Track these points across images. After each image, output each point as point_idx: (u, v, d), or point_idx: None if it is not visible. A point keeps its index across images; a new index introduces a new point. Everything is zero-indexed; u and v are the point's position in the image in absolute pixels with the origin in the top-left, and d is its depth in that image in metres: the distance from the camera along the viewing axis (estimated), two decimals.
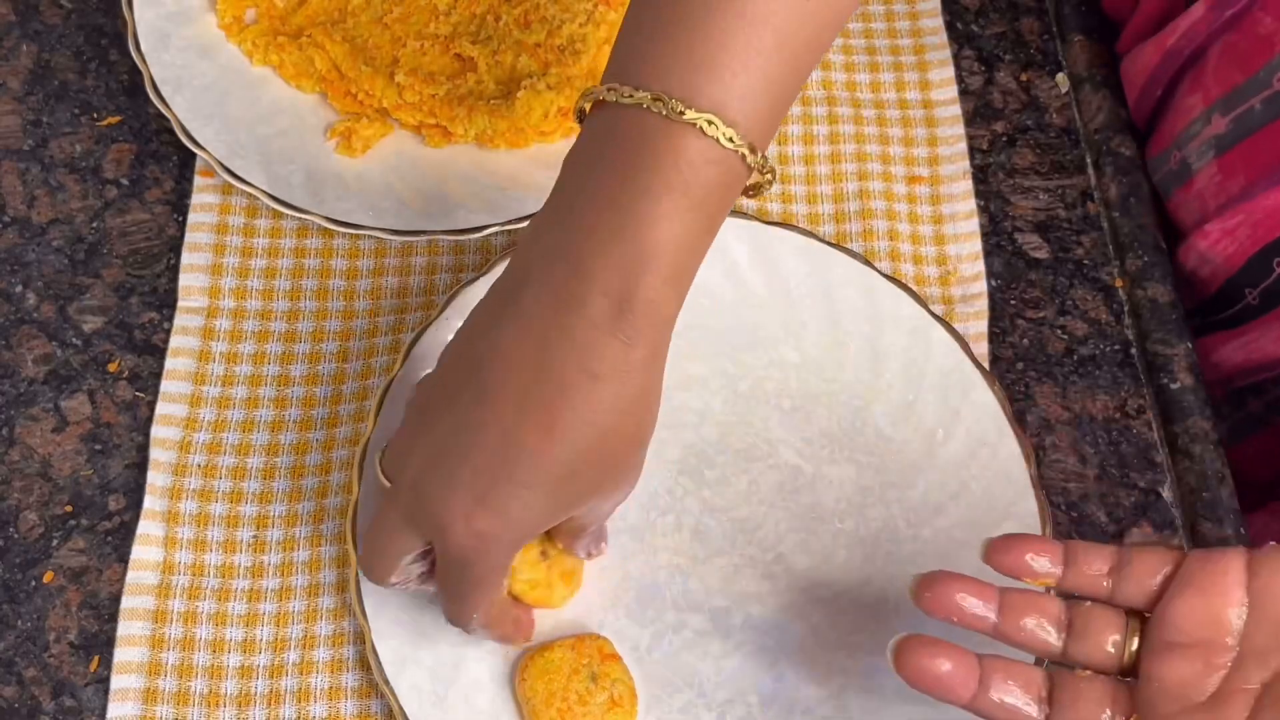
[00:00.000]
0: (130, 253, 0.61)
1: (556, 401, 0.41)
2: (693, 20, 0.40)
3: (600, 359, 0.41)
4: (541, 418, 0.41)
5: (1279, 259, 0.58)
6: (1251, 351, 0.60)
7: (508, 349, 0.42)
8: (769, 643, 0.52)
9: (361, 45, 0.63)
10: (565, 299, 0.41)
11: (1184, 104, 0.62)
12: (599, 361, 0.41)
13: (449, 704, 0.50)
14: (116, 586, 0.53)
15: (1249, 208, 0.58)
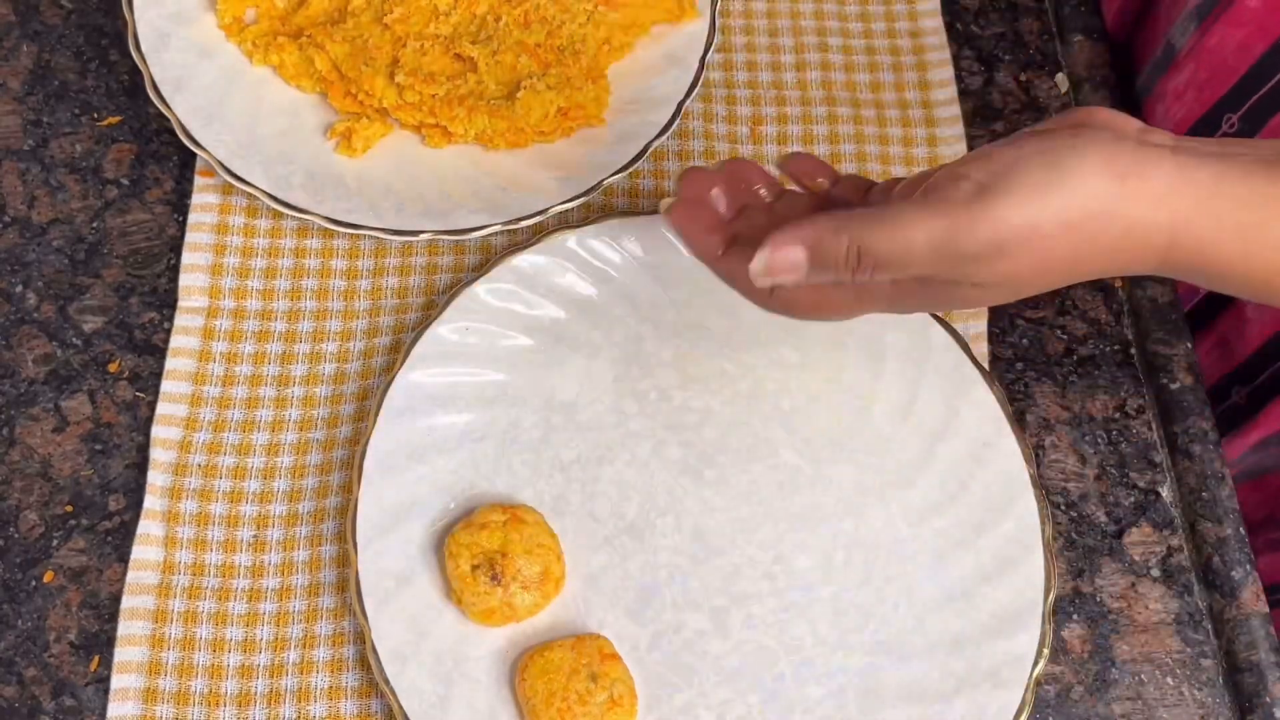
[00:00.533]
0: (130, 253, 0.61)
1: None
2: None
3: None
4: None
5: (1230, 114, 0.57)
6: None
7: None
8: (769, 643, 0.52)
9: (362, 45, 0.63)
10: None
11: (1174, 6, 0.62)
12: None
13: (449, 704, 0.50)
14: (117, 586, 0.53)
15: (1199, 50, 0.57)
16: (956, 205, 0.40)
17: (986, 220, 0.39)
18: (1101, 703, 0.53)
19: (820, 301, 0.47)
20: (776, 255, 0.43)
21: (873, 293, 0.45)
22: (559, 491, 0.55)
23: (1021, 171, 0.39)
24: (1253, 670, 0.53)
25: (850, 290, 0.45)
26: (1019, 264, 0.40)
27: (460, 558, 0.51)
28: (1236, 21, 0.55)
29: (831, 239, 0.42)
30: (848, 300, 0.46)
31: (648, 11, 0.65)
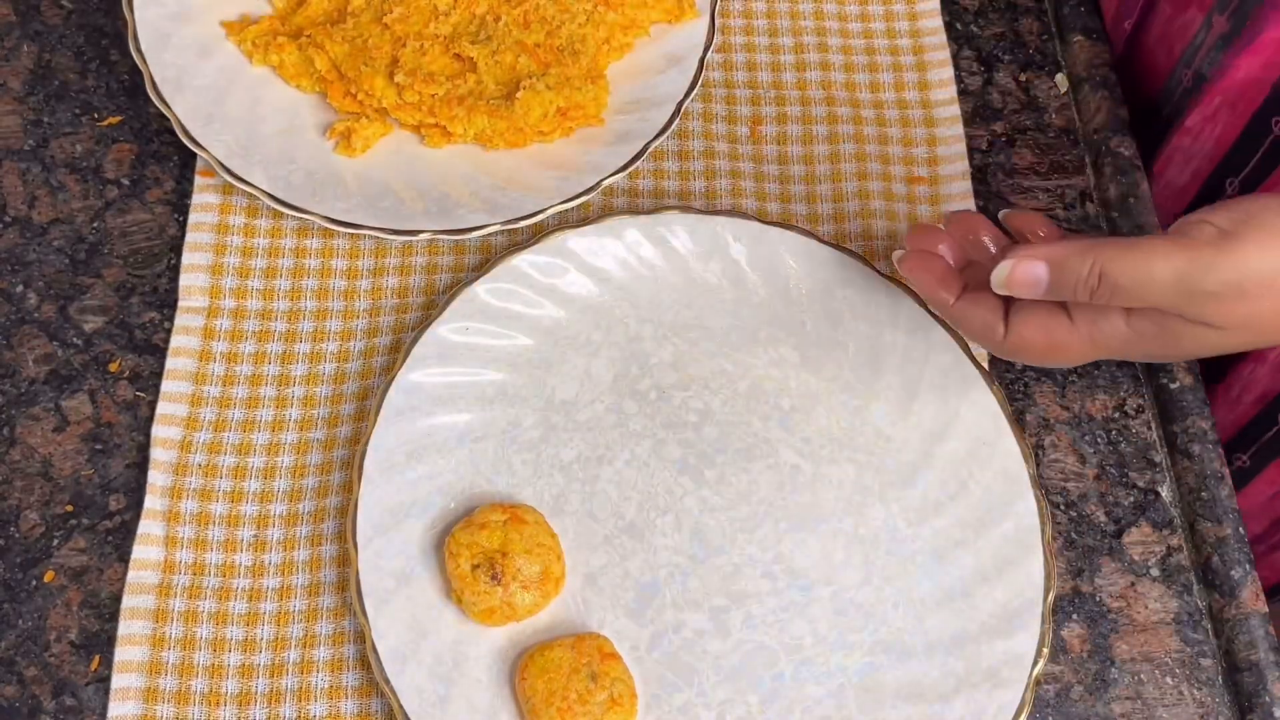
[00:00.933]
0: (131, 253, 0.61)
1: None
2: None
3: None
4: None
5: (1277, 118, 0.57)
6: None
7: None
8: (769, 642, 0.52)
9: (361, 45, 0.63)
10: None
11: (1181, 20, 0.61)
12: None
13: (449, 703, 0.50)
14: (117, 586, 0.53)
15: (1224, 84, 0.58)
16: (1200, 243, 0.41)
17: (1229, 260, 0.41)
18: (1101, 702, 0.53)
19: (1053, 346, 0.48)
20: (1020, 267, 0.44)
21: (1107, 334, 0.46)
22: (559, 491, 0.55)
23: (1265, 218, 0.41)
24: (1252, 670, 0.53)
25: (1085, 331, 0.47)
26: (1259, 307, 0.42)
27: (460, 557, 0.51)
28: (1258, 51, 0.56)
29: (1076, 259, 0.43)
30: (1081, 343, 0.47)
31: (647, 11, 0.65)
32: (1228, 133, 0.60)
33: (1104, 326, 0.46)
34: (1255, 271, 0.41)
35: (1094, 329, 0.47)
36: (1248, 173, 0.59)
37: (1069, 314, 0.48)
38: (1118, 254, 0.43)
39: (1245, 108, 0.58)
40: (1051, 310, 0.48)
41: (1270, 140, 0.57)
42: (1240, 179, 0.60)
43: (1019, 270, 0.44)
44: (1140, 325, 0.45)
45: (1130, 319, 0.46)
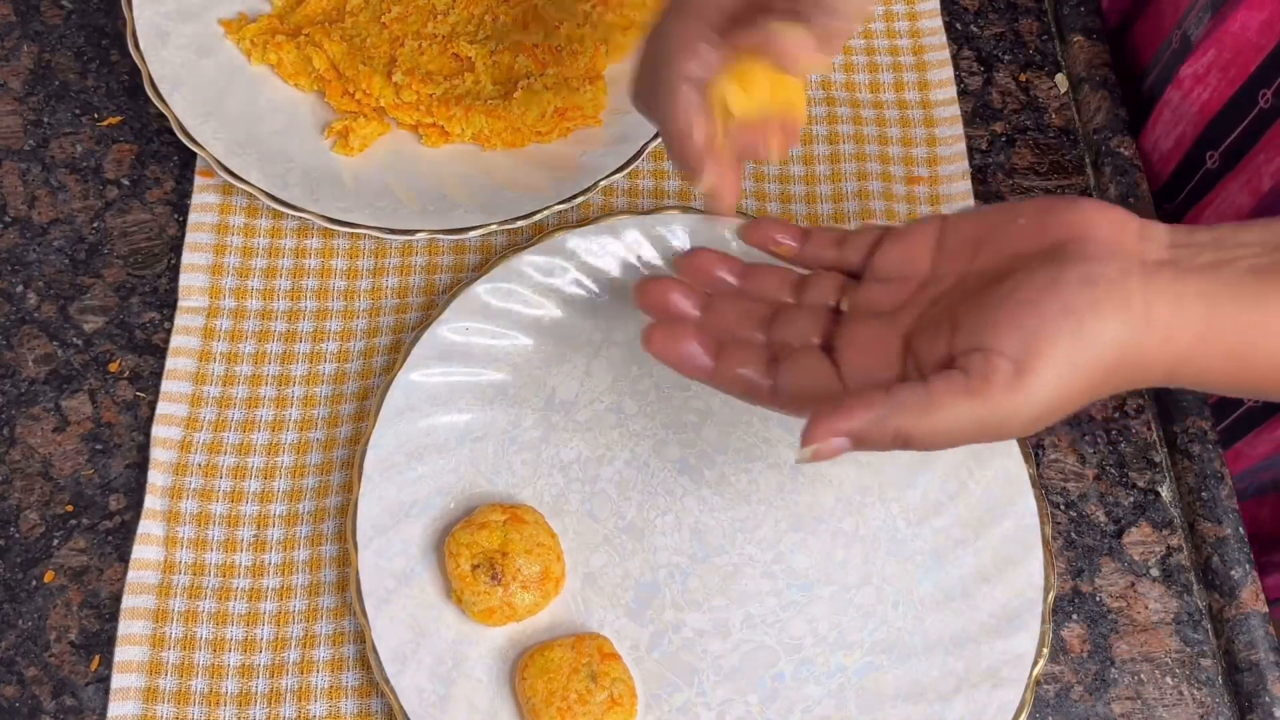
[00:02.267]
0: (131, 253, 0.61)
1: None
2: None
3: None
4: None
5: (1265, 90, 0.57)
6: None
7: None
8: (769, 643, 0.52)
9: (359, 44, 0.63)
10: None
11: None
12: None
13: (449, 703, 0.50)
14: (117, 586, 0.53)
15: (1219, 36, 0.57)
16: (997, 390, 0.41)
17: (1025, 403, 0.41)
18: (1101, 702, 0.53)
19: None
20: (822, 449, 0.43)
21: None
22: (559, 491, 0.55)
23: (1051, 342, 0.40)
24: (1252, 670, 0.53)
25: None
26: (1050, 419, 0.42)
27: (460, 557, 0.51)
28: (1257, 6, 0.56)
29: (876, 430, 0.42)
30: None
31: (645, 12, 0.65)
32: (1214, 100, 0.59)
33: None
34: (1049, 401, 0.41)
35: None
36: (1228, 145, 0.59)
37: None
38: (916, 417, 0.41)
39: (1236, 74, 0.57)
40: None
41: (1255, 113, 0.57)
42: (1220, 151, 0.59)
43: (821, 453, 0.43)
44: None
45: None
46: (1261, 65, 0.56)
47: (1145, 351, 0.41)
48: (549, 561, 0.52)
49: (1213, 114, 0.60)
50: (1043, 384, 0.40)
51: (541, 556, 0.52)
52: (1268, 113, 0.56)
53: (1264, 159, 0.57)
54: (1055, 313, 0.41)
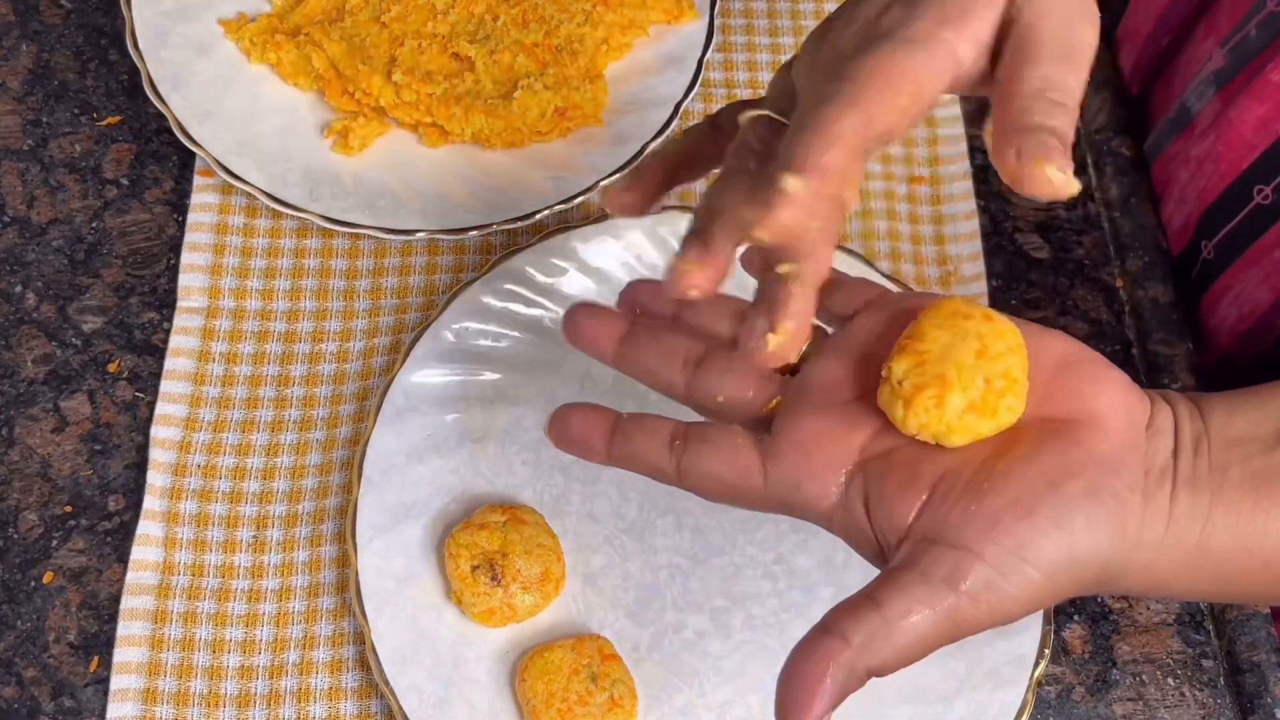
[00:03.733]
0: (130, 253, 0.61)
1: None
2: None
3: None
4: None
5: (1258, 187, 0.55)
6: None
7: None
8: (769, 643, 0.52)
9: (359, 44, 0.63)
10: None
11: (1197, 51, 0.60)
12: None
13: (449, 704, 0.50)
14: (116, 587, 0.53)
15: (1221, 126, 0.56)
16: (964, 601, 0.36)
17: (993, 615, 0.36)
18: (1102, 703, 0.53)
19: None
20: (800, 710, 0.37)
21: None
22: (559, 491, 0.55)
23: (1036, 555, 0.36)
24: (1254, 670, 0.53)
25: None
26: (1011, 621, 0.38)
27: (460, 558, 0.51)
28: (1259, 96, 0.54)
29: (850, 687, 0.36)
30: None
31: (646, 11, 0.65)
32: (1209, 190, 0.58)
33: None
34: (1019, 614, 0.36)
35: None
36: (1222, 238, 0.58)
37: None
38: (880, 653, 0.36)
39: (1228, 168, 0.56)
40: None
41: (1251, 207, 0.55)
42: (1214, 243, 0.58)
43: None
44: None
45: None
46: (1255, 163, 0.55)
47: (1127, 571, 0.38)
48: (549, 562, 0.52)
49: (1207, 204, 0.59)
50: (1015, 600, 0.36)
51: (542, 557, 0.52)
52: (1267, 209, 0.55)
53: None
54: (1048, 523, 0.36)
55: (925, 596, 0.36)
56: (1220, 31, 0.58)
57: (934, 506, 0.37)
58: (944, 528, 0.37)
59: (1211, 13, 0.60)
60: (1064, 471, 0.37)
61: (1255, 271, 0.56)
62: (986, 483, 0.37)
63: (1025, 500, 0.36)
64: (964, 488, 0.37)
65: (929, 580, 0.36)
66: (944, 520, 0.37)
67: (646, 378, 0.44)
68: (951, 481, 0.38)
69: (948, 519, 0.37)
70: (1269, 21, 0.54)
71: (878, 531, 0.38)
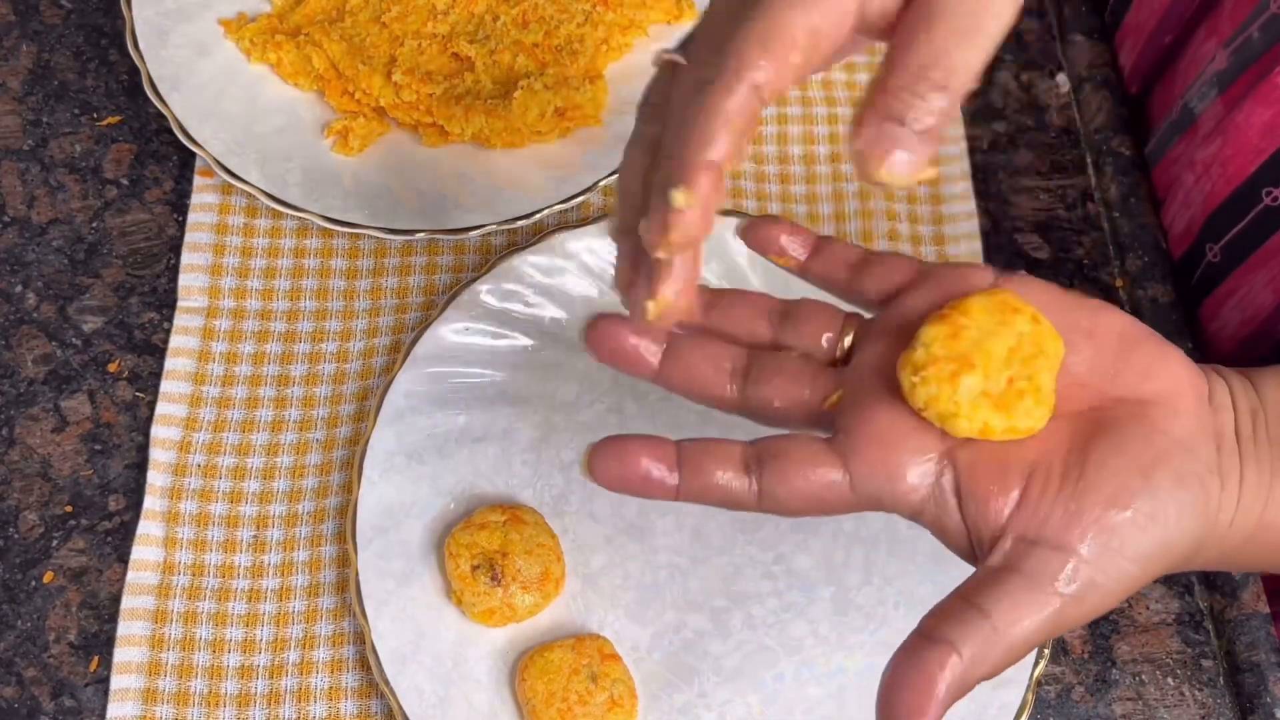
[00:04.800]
0: (130, 253, 0.61)
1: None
2: None
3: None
4: None
5: (1267, 189, 0.54)
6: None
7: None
8: (769, 643, 0.52)
9: (359, 44, 0.63)
10: None
11: (1199, 51, 0.60)
12: None
13: (449, 704, 0.50)
14: (116, 586, 0.53)
15: (1229, 129, 0.55)
16: (1069, 601, 0.35)
17: (1096, 609, 0.36)
18: (1102, 703, 0.53)
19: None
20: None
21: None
22: (559, 492, 0.55)
23: (1133, 549, 0.36)
24: (1253, 670, 0.53)
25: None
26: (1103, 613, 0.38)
27: (460, 558, 0.51)
28: (1265, 100, 0.54)
29: (963, 688, 0.35)
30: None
31: (646, 12, 0.65)
32: (1215, 193, 0.58)
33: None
34: (1113, 604, 0.36)
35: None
36: (1229, 240, 0.57)
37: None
38: (990, 661, 0.35)
39: (1235, 171, 0.56)
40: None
41: (1260, 209, 0.55)
42: (1221, 246, 0.58)
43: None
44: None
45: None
46: (1263, 166, 0.55)
47: (1204, 549, 0.38)
48: (549, 562, 0.52)
49: (1214, 207, 0.58)
50: (1112, 594, 0.36)
51: (542, 557, 0.52)
52: (1276, 211, 0.54)
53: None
54: (1144, 518, 0.36)
55: (1033, 603, 0.35)
56: (1222, 33, 0.58)
57: (1030, 503, 0.36)
58: (1045, 528, 0.36)
59: (1213, 13, 0.60)
60: (1151, 460, 0.36)
61: (1261, 274, 0.56)
62: (1081, 478, 0.36)
63: (1122, 496, 0.36)
64: (1059, 482, 0.36)
65: (1036, 586, 0.35)
66: (1045, 520, 0.36)
67: (693, 393, 0.41)
68: (1044, 475, 0.37)
69: (1049, 519, 0.36)
70: (1271, 24, 0.54)
71: (970, 527, 0.37)
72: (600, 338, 0.42)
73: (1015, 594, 0.35)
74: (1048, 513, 0.36)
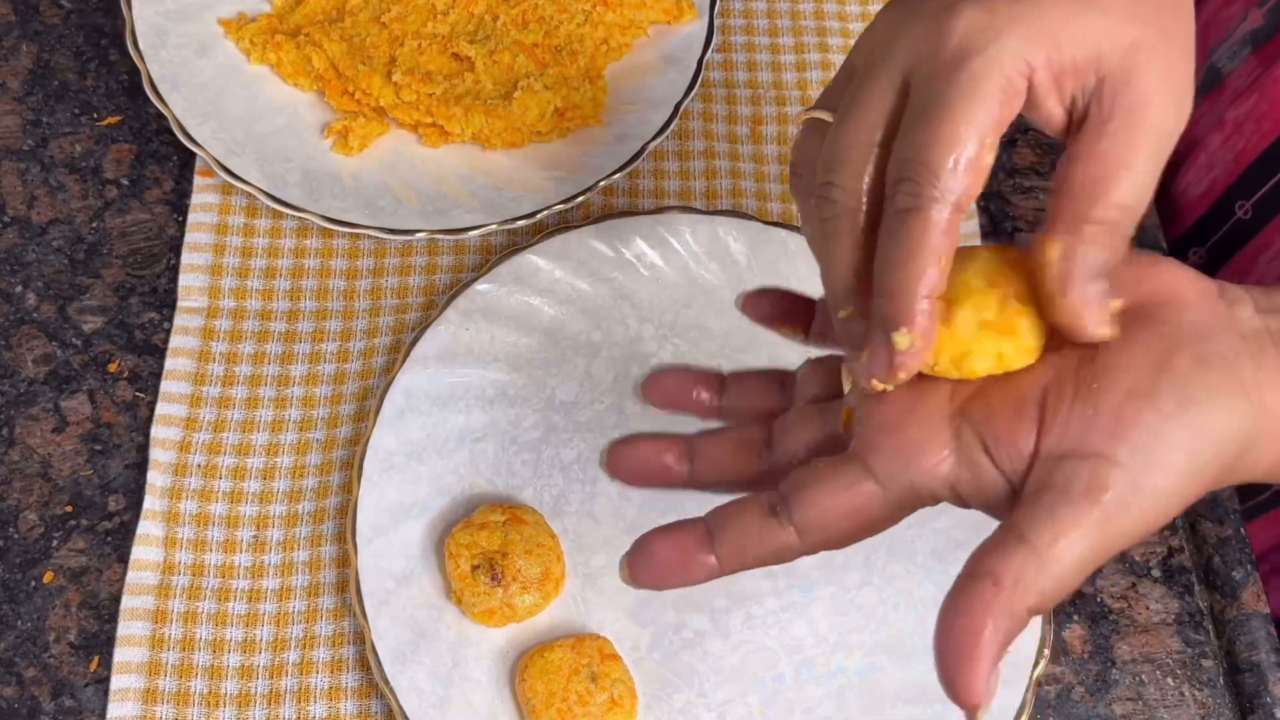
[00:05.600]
0: (130, 253, 0.61)
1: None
2: None
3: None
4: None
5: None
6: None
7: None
8: (769, 643, 0.52)
9: (359, 44, 0.63)
10: None
11: (1221, 15, 0.59)
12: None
13: (449, 704, 0.50)
14: (116, 586, 0.53)
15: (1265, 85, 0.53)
16: (1113, 510, 0.33)
17: (1145, 519, 0.34)
18: (1102, 703, 0.53)
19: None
20: (985, 703, 0.34)
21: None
22: (559, 492, 0.55)
23: (1171, 444, 0.34)
24: (1253, 670, 0.53)
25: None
26: (1160, 526, 0.36)
27: (460, 558, 0.51)
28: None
29: (1014, 630, 0.34)
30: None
31: (646, 12, 0.65)
32: (1249, 150, 0.57)
33: None
34: (1168, 514, 0.34)
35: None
36: (1261, 197, 0.56)
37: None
38: (1040, 589, 0.33)
39: (1270, 126, 0.55)
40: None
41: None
42: (1253, 203, 0.56)
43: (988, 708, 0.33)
44: None
45: None
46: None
47: (1260, 444, 0.35)
48: (549, 562, 0.52)
49: (1247, 164, 0.57)
50: (1164, 494, 0.34)
51: (542, 557, 0.52)
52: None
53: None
54: (1172, 405, 0.34)
55: (1071, 516, 0.33)
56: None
57: (1051, 425, 0.35)
58: (1067, 440, 0.34)
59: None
60: (1164, 350, 0.35)
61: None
62: (1095, 383, 0.35)
63: (1140, 389, 0.34)
64: (1073, 396, 0.35)
65: (1070, 497, 0.33)
66: (1065, 434, 0.34)
67: (726, 485, 0.41)
68: (1058, 392, 0.35)
69: (1068, 431, 0.34)
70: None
71: (1006, 474, 0.35)
72: (620, 462, 0.41)
73: (1051, 511, 0.33)
74: (1066, 424, 0.34)
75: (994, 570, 0.33)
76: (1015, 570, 0.33)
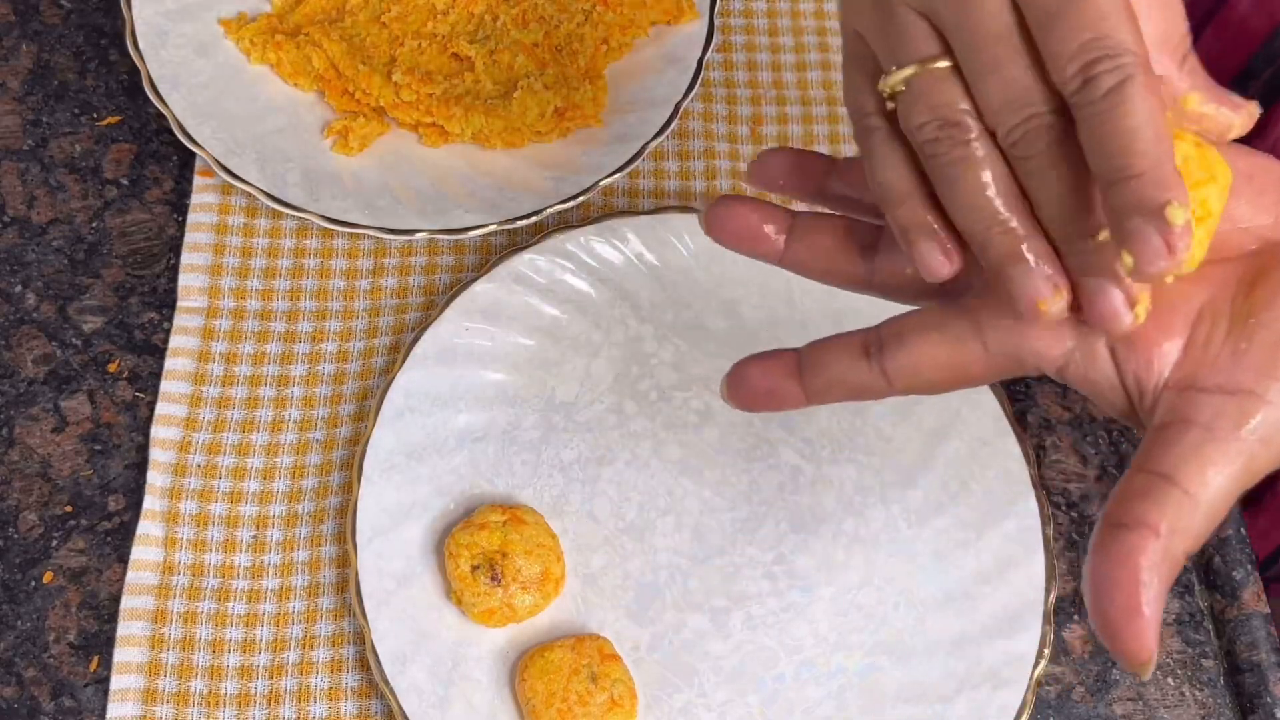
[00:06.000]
0: (130, 253, 0.61)
1: None
2: None
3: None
4: None
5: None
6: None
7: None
8: (769, 643, 0.52)
9: (359, 44, 0.63)
10: None
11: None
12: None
13: (449, 704, 0.50)
14: (116, 587, 0.53)
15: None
16: (1255, 446, 0.33)
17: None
18: (1103, 703, 0.53)
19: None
20: (1149, 652, 0.33)
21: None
22: (559, 491, 0.55)
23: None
24: (1254, 670, 0.53)
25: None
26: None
27: (460, 558, 0.51)
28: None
29: (1173, 567, 0.33)
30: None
31: (646, 11, 0.65)
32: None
33: None
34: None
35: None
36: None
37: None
38: (1193, 531, 0.33)
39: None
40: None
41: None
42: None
43: (1151, 659, 0.32)
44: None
45: None
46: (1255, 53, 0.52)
47: None
48: (549, 562, 0.52)
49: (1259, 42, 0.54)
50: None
51: (541, 557, 0.52)
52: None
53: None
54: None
55: (1220, 456, 0.32)
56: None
57: (1196, 348, 0.34)
58: (1215, 373, 0.33)
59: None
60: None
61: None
62: (1250, 316, 0.34)
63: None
64: (1228, 324, 0.34)
65: (1217, 436, 0.32)
66: (1214, 364, 0.33)
67: (821, 274, 0.40)
68: (1211, 318, 0.34)
69: (1218, 363, 0.33)
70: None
71: (1127, 381, 0.34)
72: (722, 219, 0.40)
73: (1199, 450, 0.32)
74: (1215, 356, 0.33)
75: (1147, 518, 0.32)
76: (1170, 516, 0.32)
